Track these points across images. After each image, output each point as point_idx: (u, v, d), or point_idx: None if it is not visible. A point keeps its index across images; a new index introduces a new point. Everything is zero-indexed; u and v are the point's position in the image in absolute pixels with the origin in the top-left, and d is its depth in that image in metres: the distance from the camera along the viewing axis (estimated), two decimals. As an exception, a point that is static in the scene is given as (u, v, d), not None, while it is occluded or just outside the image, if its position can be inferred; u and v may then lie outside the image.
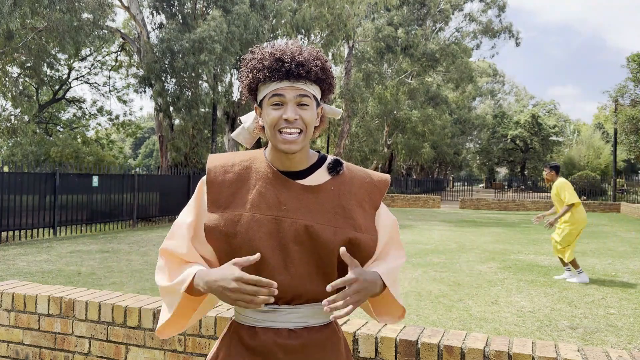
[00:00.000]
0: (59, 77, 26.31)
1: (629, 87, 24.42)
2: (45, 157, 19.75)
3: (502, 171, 65.62)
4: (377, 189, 1.40)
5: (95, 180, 13.15)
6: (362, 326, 2.21)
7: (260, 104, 1.33)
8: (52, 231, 12.03)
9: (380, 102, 30.70)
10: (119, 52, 25.75)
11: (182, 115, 18.86)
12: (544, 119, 49.35)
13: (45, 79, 23.78)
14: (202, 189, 1.37)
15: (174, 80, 18.16)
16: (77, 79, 27.93)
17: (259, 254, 1.21)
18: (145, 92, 18.68)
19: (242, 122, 1.49)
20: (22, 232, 11.31)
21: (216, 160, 1.39)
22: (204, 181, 1.37)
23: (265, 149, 1.41)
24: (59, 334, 2.69)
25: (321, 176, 1.36)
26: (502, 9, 37.26)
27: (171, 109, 18.88)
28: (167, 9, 19.08)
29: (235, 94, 20.88)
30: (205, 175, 1.38)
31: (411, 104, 32.12)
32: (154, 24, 19.83)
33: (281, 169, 1.34)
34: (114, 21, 26.67)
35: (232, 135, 1.49)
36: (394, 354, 2.07)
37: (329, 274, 1.32)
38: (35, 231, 11.82)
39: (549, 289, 6.57)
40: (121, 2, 19.52)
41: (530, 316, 5.26)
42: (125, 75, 28.59)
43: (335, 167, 1.38)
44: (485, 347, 1.98)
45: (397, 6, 29.71)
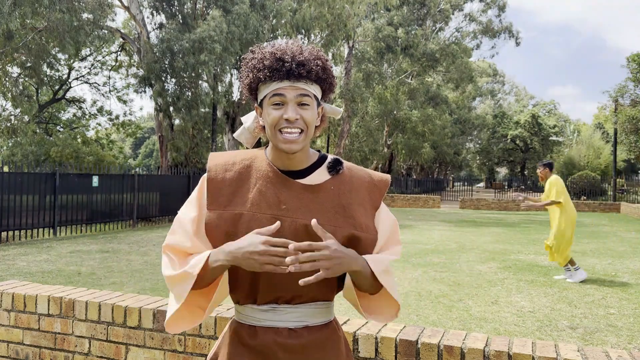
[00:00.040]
0: (59, 77, 26.31)
1: (629, 87, 24.43)
2: (45, 157, 19.75)
3: (502, 171, 65.64)
4: (378, 188, 1.40)
5: (95, 180, 13.15)
6: (362, 326, 2.21)
7: (260, 104, 1.33)
8: (52, 231, 12.03)
9: (380, 102, 30.70)
10: (119, 52, 25.75)
11: (182, 115, 18.86)
12: (544, 119, 49.38)
13: (45, 79, 23.77)
14: (203, 186, 1.36)
15: (174, 80, 18.16)
16: (77, 79, 27.94)
17: (279, 222, 1.22)
18: (145, 92, 18.68)
19: (243, 122, 1.49)
20: (22, 232, 11.31)
21: (217, 158, 1.39)
22: (205, 178, 1.36)
23: (266, 148, 1.41)
24: (59, 334, 2.69)
25: (321, 175, 1.36)
26: (502, 9, 37.27)
27: (171, 109, 18.87)
28: (167, 9, 19.08)
29: (235, 94, 20.88)
30: (206, 172, 1.38)
31: (411, 104, 32.13)
32: (154, 24, 19.84)
33: (281, 168, 1.34)
34: (114, 21, 26.73)
35: (234, 135, 1.49)
36: (394, 354, 2.07)
37: (329, 274, 1.32)
38: (35, 231, 11.82)
39: (549, 289, 6.57)
40: (121, 2, 19.51)
41: (530, 316, 5.26)
42: (125, 75, 28.60)
43: (335, 166, 1.37)
44: (485, 347, 1.98)
45: (397, 6, 29.70)
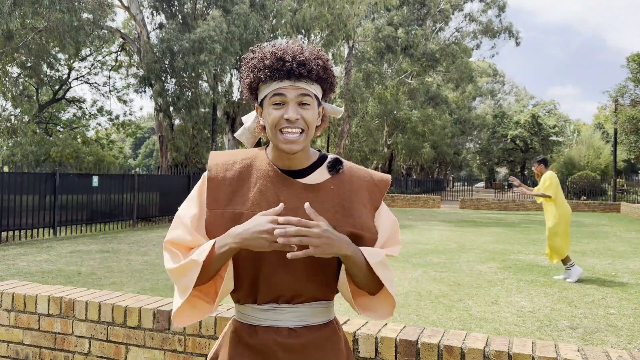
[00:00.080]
0: (59, 77, 26.31)
1: (629, 87, 24.44)
2: (45, 157, 19.75)
3: (502, 171, 65.64)
4: (378, 188, 1.40)
5: (95, 180, 13.15)
6: (362, 326, 2.21)
7: (261, 104, 1.32)
8: (52, 231, 12.03)
9: (380, 102, 30.70)
10: (119, 52, 25.74)
11: (182, 115, 18.85)
12: (544, 119, 49.36)
13: (45, 79, 23.77)
14: (204, 184, 1.35)
15: (174, 80, 18.17)
16: (77, 79, 27.93)
17: (282, 204, 1.22)
18: (145, 92, 18.68)
19: (243, 122, 1.48)
20: (22, 232, 11.31)
21: (218, 157, 1.39)
22: (206, 177, 1.36)
23: (266, 147, 1.41)
24: (59, 334, 2.69)
25: (321, 175, 1.35)
26: (502, 9, 37.27)
27: (171, 109, 18.87)
28: (167, 9, 19.08)
29: (235, 94, 20.88)
30: (207, 171, 1.37)
31: (411, 104, 32.13)
32: (154, 24, 19.85)
33: (282, 168, 1.34)
34: (114, 21, 26.73)
35: (235, 135, 1.49)
36: (394, 354, 2.06)
37: (329, 273, 1.32)
38: (35, 231, 11.82)
39: (549, 289, 6.57)
40: (121, 2, 19.51)
41: (530, 316, 5.26)
42: (125, 75, 28.60)
43: (334, 165, 1.37)
44: (485, 347, 1.97)
45: (397, 6, 29.70)
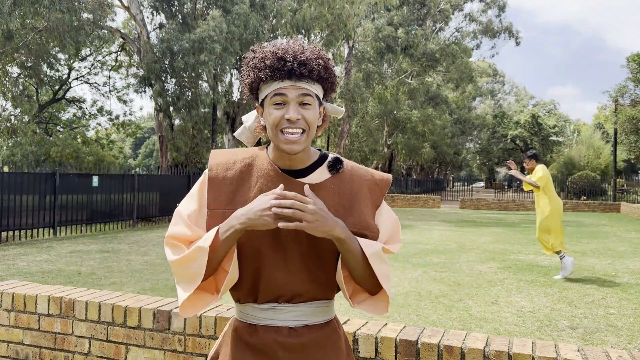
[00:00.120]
0: (59, 77, 26.30)
1: (629, 87, 24.45)
2: (45, 157, 19.75)
3: (502, 171, 65.64)
4: (379, 187, 1.40)
5: (95, 180, 13.15)
6: (362, 326, 2.21)
7: (261, 104, 1.32)
8: (52, 231, 12.03)
9: (380, 102, 30.71)
10: (119, 52, 25.74)
11: (182, 115, 18.86)
12: (544, 119, 49.33)
13: (45, 79, 23.77)
14: (204, 182, 1.35)
15: (174, 80, 18.17)
16: (77, 79, 27.92)
17: (282, 185, 1.24)
18: (145, 92, 18.68)
19: (243, 121, 1.48)
20: (22, 232, 11.31)
21: (218, 156, 1.39)
22: (207, 175, 1.35)
23: (267, 146, 1.40)
24: (59, 334, 2.69)
25: (322, 174, 1.35)
26: (502, 9, 37.28)
27: (171, 109, 18.88)
28: (167, 9, 19.08)
29: (235, 94, 20.88)
30: (207, 170, 1.37)
31: (411, 104, 32.13)
32: (154, 24, 19.86)
33: (282, 167, 1.34)
34: (114, 21, 26.70)
35: (235, 134, 1.48)
36: (394, 354, 2.06)
37: (329, 273, 1.32)
38: (35, 231, 11.81)
39: (549, 289, 6.57)
40: (121, 2, 19.52)
41: (530, 316, 5.26)
42: (125, 75, 28.59)
43: (335, 165, 1.37)
44: (485, 347, 1.97)
45: (397, 6, 29.70)
